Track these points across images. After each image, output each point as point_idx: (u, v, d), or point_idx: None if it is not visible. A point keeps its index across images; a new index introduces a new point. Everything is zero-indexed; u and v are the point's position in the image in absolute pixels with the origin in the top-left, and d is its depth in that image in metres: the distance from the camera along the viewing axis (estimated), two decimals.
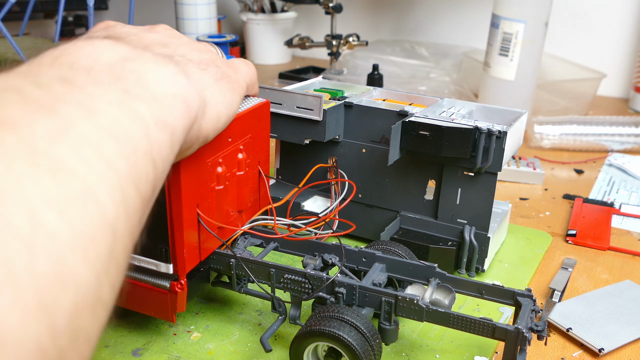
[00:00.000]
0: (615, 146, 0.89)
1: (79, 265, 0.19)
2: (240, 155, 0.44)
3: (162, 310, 0.42)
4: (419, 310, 0.39)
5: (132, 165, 0.23)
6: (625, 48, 1.21)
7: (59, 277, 0.18)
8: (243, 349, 0.44)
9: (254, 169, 0.47)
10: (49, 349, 0.17)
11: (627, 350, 0.46)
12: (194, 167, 0.39)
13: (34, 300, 0.17)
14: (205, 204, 0.41)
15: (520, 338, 0.37)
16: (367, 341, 0.38)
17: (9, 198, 0.18)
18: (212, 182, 0.41)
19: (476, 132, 0.49)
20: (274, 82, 1.26)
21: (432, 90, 1.07)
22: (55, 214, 0.19)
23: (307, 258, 0.45)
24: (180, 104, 0.28)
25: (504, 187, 0.76)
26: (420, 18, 1.40)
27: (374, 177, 0.57)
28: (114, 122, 0.23)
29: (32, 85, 0.22)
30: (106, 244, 0.21)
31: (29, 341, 0.17)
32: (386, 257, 0.45)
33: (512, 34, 0.89)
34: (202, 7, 1.21)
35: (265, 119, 0.47)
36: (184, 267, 0.41)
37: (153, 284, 0.42)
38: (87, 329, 0.20)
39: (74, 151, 0.21)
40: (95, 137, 0.22)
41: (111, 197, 0.21)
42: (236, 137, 0.43)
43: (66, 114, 0.22)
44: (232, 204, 0.45)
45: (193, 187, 0.39)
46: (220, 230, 0.44)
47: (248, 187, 0.46)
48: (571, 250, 0.61)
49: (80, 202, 0.20)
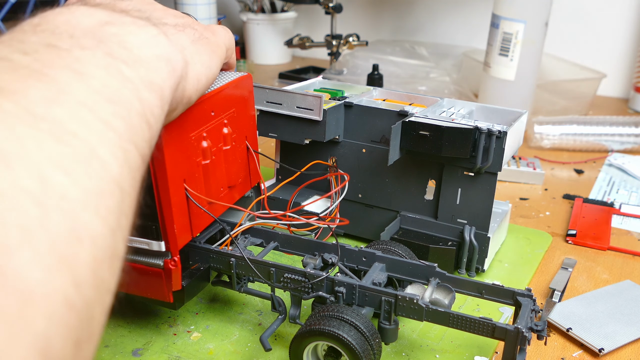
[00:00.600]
0: (615, 146, 0.89)
1: (93, 220, 0.20)
2: (226, 130, 0.44)
3: (158, 290, 0.42)
4: (419, 309, 0.39)
5: (128, 125, 0.24)
6: (625, 48, 1.21)
7: (75, 233, 0.19)
8: (243, 349, 0.44)
9: (242, 144, 0.47)
10: (76, 300, 0.18)
11: (627, 350, 0.46)
12: (177, 141, 0.38)
13: (54, 254, 0.18)
14: (192, 179, 0.41)
15: (520, 338, 0.37)
16: (367, 340, 0.38)
17: (15, 160, 0.18)
18: (198, 157, 0.41)
19: (476, 132, 0.49)
20: (274, 82, 1.26)
21: (432, 90, 1.07)
22: (62, 173, 0.19)
23: (307, 257, 0.45)
24: (165, 65, 0.29)
25: (504, 187, 0.76)
26: (420, 18, 1.40)
27: (374, 177, 0.57)
28: (104, 84, 0.24)
29: (18, 52, 0.22)
30: (115, 199, 0.21)
31: (55, 293, 0.17)
32: (386, 256, 0.45)
33: (512, 34, 0.89)
34: (202, 7, 1.21)
35: (249, 93, 0.47)
36: (176, 244, 0.40)
37: (147, 263, 0.41)
38: (107, 280, 0.20)
39: (71, 113, 0.21)
40: (90, 100, 0.22)
41: (113, 156, 0.22)
42: (219, 111, 0.43)
43: (58, 78, 0.22)
44: (221, 179, 0.44)
45: (178, 162, 0.39)
46: (211, 206, 0.44)
47: (237, 163, 0.46)
48: (571, 250, 0.61)
49: (85, 161, 0.20)
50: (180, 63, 0.31)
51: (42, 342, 0.16)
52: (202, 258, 0.45)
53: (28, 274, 0.17)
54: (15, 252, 0.17)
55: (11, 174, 0.18)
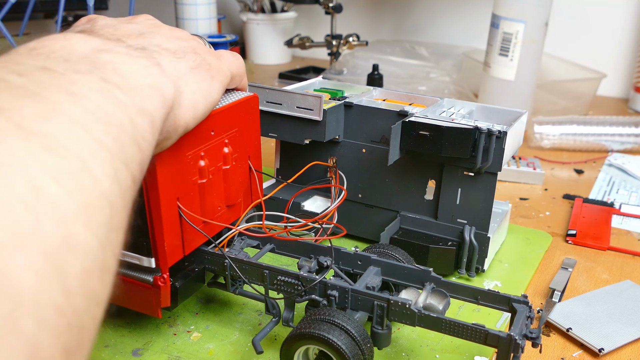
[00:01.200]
0: (615, 146, 0.89)
1: (83, 232, 0.20)
2: (226, 149, 0.44)
3: (147, 305, 0.42)
4: (411, 314, 0.39)
5: (120, 146, 0.24)
6: (625, 48, 1.21)
7: (66, 242, 0.19)
8: (243, 349, 0.44)
9: (243, 164, 0.47)
10: (66, 308, 0.18)
11: (627, 350, 0.46)
12: (171, 159, 0.38)
13: (45, 261, 0.18)
14: (187, 197, 0.41)
15: (512, 345, 0.36)
16: (358, 345, 0.38)
17: (7, 168, 0.18)
18: (194, 176, 0.41)
19: (476, 132, 0.49)
20: (274, 82, 1.26)
21: (432, 90, 1.07)
22: (55, 185, 0.19)
23: (302, 260, 0.45)
24: (156, 93, 0.29)
25: (504, 187, 0.76)
26: (420, 18, 1.40)
27: (374, 177, 0.57)
28: (98, 106, 0.24)
29: (13, 73, 0.22)
30: (105, 215, 0.22)
31: (45, 299, 0.17)
32: (381, 260, 0.45)
33: (512, 34, 0.89)
34: (202, 7, 1.21)
35: (254, 113, 0.47)
36: (166, 261, 0.40)
37: (137, 278, 0.42)
38: (97, 292, 0.20)
39: (65, 130, 0.21)
40: (83, 119, 0.23)
41: (105, 173, 0.22)
42: (220, 131, 0.43)
43: (52, 98, 0.22)
44: (219, 198, 0.44)
45: (171, 180, 0.39)
46: (207, 225, 0.44)
47: (237, 182, 0.46)
48: (571, 250, 0.61)
49: (77, 174, 0.21)
50: (172, 93, 0.31)
51: (31, 346, 0.16)
52: (197, 259, 0.45)
53: (19, 277, 0.17)
54: (7, 255, 0.17)
55: (3, 181, 0.18)
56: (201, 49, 0.37)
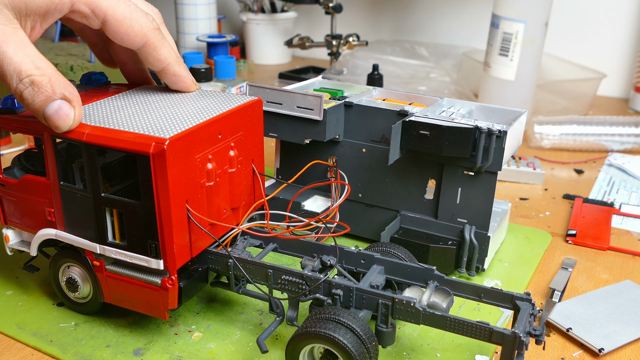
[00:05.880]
0: (615, 146, 0.89)
1: None
2: (232, 153, 0.44)
3: (154, 307, 0.43)
4: (416, 313, 0.39)
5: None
6: (625, 48, 1.21)
7: None
8: (244, 349, 0.45)
9: (248, 167, 0.47)
10: None
11: (627, 350, 0.46)
12: (182, 162, 0.39)
13: None
14: (195, 199, 0.41)
15: (517, 343, 0.37)
16: (363, 343, 0.38)
17: None
18: (202, 178, 0.41)
19: (476, 132, 0.49)
20: (274, 82, 1.26)
21: (432, 90, 1.08)
22: None
23: (305, 259, 0.45)
24: None
25: (504, 187, 0.76)
26: (420, 18, 1.40)
27: (374, 177, 0.57)
28: None
29: None
30: None
31: None
32: (384, 259, 0.45)
33: (512, 34, 0.89)
34: (202, 7, 1.21)
35: (258, 117, 0.47)
36: (174, 263, 0.41)
37: (145, 280, 0.42)
38: None
39: None
40: None
41: None
42: (226, 134, 0.43)
43: None
44: (224, 201, 0.45)
45: (181, 182, 0.39)
46: (213, 227, 0.44)
47: (241, 185, 0.46)
48: (571, 250, 0.61)
49: None
50: None
51: None
52: (200, 259, 0.45)
53: None
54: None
55: None
56: None
